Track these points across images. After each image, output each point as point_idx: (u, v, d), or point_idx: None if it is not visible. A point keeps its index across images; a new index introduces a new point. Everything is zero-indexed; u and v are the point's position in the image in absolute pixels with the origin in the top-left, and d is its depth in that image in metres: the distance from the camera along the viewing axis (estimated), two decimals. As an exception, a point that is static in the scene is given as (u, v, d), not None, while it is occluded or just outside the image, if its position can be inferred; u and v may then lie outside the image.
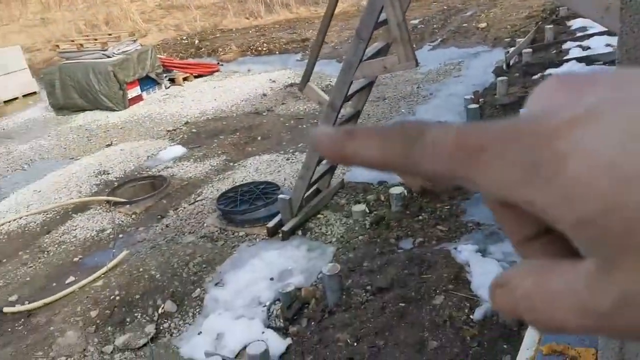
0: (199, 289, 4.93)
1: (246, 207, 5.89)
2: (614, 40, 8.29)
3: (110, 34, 12.76)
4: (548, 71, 8.16)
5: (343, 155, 0.31)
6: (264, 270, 4.96)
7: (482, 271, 4.18)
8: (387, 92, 9.55)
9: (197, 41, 16.58)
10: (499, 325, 3.68)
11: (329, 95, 5.14)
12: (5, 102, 12.85)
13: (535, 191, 0.27)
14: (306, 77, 5.27)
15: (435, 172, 0.29)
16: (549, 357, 2.37)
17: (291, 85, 10.75)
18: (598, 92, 0.28)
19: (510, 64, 9.15)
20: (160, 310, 4.72)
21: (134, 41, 12.05)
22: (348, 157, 0.31)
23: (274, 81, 11.44)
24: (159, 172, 7.70)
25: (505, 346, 3.54)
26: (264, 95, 10.68)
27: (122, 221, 6.43)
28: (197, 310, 4.71)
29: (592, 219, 0.25)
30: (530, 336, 2.56)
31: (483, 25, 12.82)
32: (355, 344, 3.79)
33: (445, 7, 15.34)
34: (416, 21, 14.15)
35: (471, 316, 3.80)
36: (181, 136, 9.12)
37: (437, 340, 3.68)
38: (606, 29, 6.92)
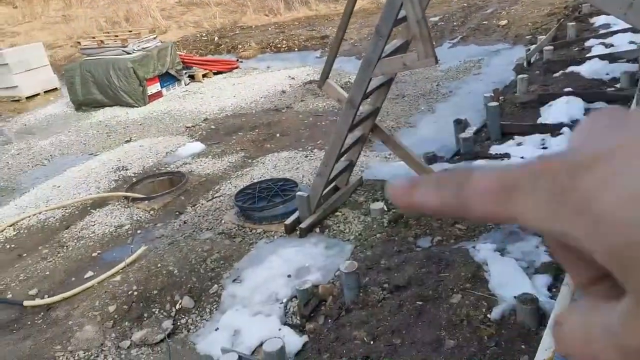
0: (216, 285, 4.94)
1: (264, 204, 5.89)
2: (637, 38, 8.18)
3: (130, 31, 12.88)
4: (570, 69, 8.06)
5: (412, 204, 0.34)
6: (281, 267, 4.96)
7: (500, 270, 4.14)
8: (407, 90, 9.51)
9: (216, 38, 16.64)
10: (517, 325, 3.64)
11: (348, 92, 5.12)
12: (27, 98, 13.00)
13: (567, 224, 0.28)
14: (325, 74, 5.26)
15: (483, 212, 0.31)
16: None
17: (310, 82, 10.74)
18: (631, 129, 0.28)
19: (532, 61, 9.05)
20: (177, 306, 4.75)
21: (154, 38, 12.14)
22: (416, 205, 0.34)
23: (293, 78, 11.44)
24: (177, 168, 7.74)
25: (523, 346, 3.50)
26: (283, 92, 10.68)
27: (141, 217, 6.47)
28: (215, 307, 4.72)
29: (620, 250, 0.26)
30: (549, 336, 2.53)
31: (504, 22, 12.71)
32: (372, 342, 3.78)
33: (465, 4, 15.24)
34: (436, 18, 14.07)
35: (489, 315, 3.76)
36: (200, 133, 9.16)
37: (454, 339, 3.65)
38: (630, 26, 6.83)
